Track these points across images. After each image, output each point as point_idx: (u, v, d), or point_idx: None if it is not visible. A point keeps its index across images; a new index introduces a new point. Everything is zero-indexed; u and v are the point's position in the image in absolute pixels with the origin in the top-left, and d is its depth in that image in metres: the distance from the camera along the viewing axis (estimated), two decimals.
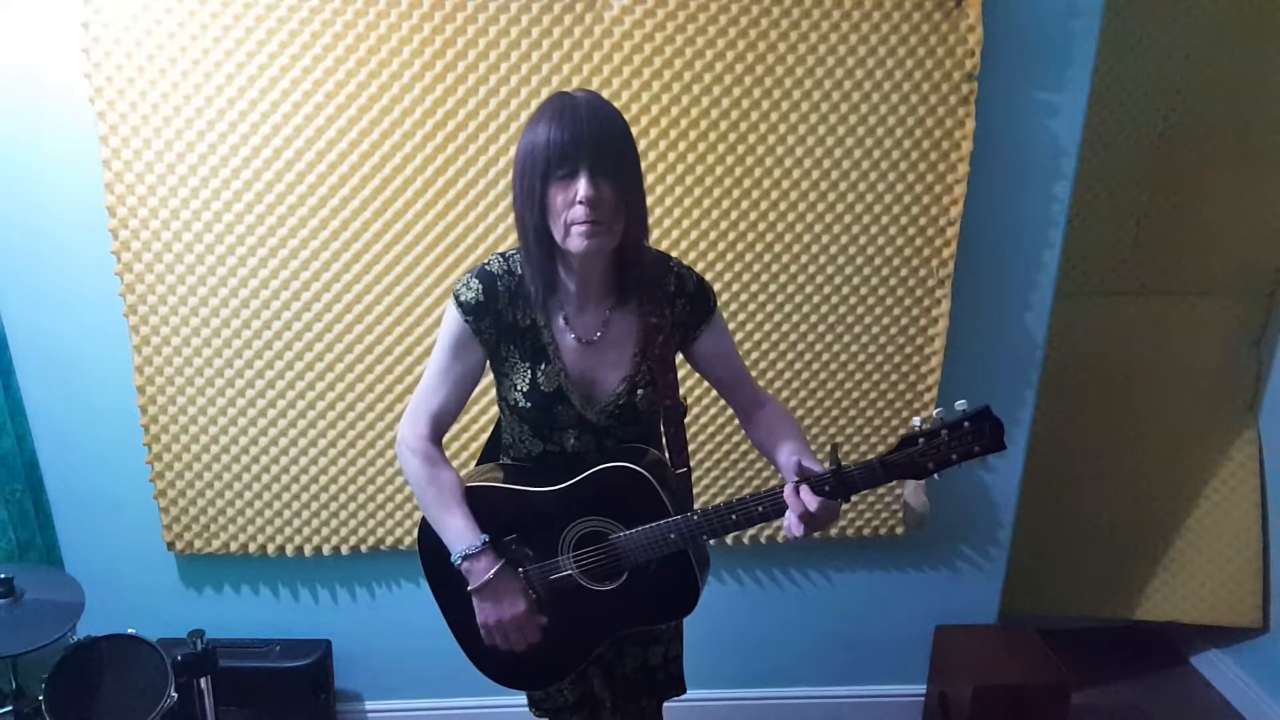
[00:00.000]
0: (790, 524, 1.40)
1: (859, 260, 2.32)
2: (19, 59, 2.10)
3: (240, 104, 2.10)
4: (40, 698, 2.03)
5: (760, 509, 1.43)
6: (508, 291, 1.50)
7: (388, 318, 2.27)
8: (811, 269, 2.32)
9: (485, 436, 1.84)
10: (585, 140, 1.34)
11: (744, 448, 2.45)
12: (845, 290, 2.34)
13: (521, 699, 2.14)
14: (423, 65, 2.10)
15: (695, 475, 2.46)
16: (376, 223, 2.20)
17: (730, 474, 2.48)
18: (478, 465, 1.78)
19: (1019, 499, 2.63)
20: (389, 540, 2.47)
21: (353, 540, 2.46)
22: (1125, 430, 2.88)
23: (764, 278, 2.31)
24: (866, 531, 2.57)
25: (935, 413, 1.34)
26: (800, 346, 2.37)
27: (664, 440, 1.61)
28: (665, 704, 1.93)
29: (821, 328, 2.36)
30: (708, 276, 2.29)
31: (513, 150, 2.15)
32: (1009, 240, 2.37)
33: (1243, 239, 2.73)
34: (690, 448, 2.32)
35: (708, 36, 2.12)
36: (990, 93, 2.21)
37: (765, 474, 2.47)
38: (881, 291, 2.35)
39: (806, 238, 2.29)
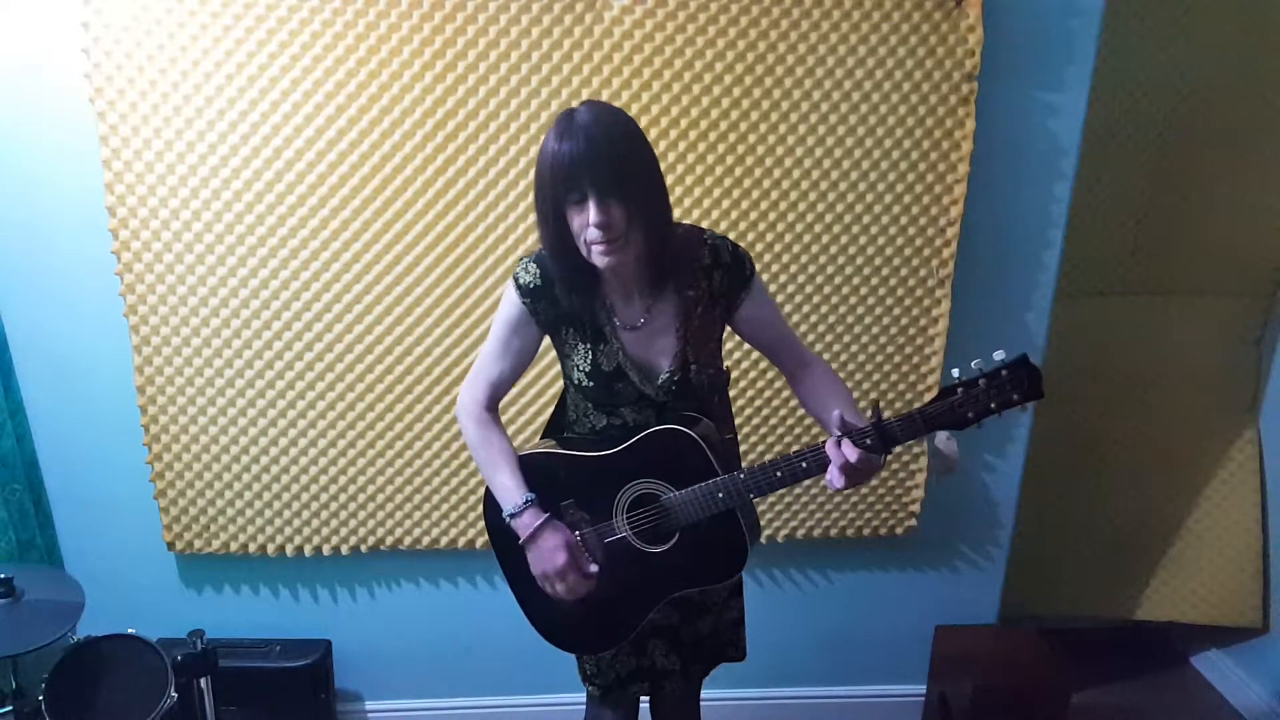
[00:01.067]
0: (832, 476, 1.43)
1: (859, 260, 2.32)
2: (19, 59, 2.10)
3: (240, 104, 2.10)
4: (40, 698, 2.04)
5: (804, 465, 1.47)
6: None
7: (388, 318, 2.27)
8: (811, 269, 2.32)
9: (549, 411, 1.89)
10: (586, 164, 1.38)
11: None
12: (845, 290, 2.34)
13: (521, 699, 2.14)
14: (423, 65, 2.10)
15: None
16: (377, 222, 2.20)
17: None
18: (541, 439, 1.82)
19: (1019, 499, 2.63)
20: (389, 540, 2.47)
21: (353, 540, 2.46)
22: (1125, 430, 2.88)
23: (764, 278, 2.31)
24: (866, 531, 2.57)
25: (974, 363, 1.36)
26: None
27: (712, 409, 1.66)
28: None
29: (821, 328, 2.37)
30: None
31: (513, 150, 2.17)
32: (1009, 240, 2.37)
33: (1243, 239, 2.72)
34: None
35: (708, 36, 2.12)
36: (990, 93, 2.21)
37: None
38: (881, 291, 2.35)
39: (806, 238, 2.29)
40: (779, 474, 1.49)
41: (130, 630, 2.18)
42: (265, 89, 2.09)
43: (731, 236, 2.25)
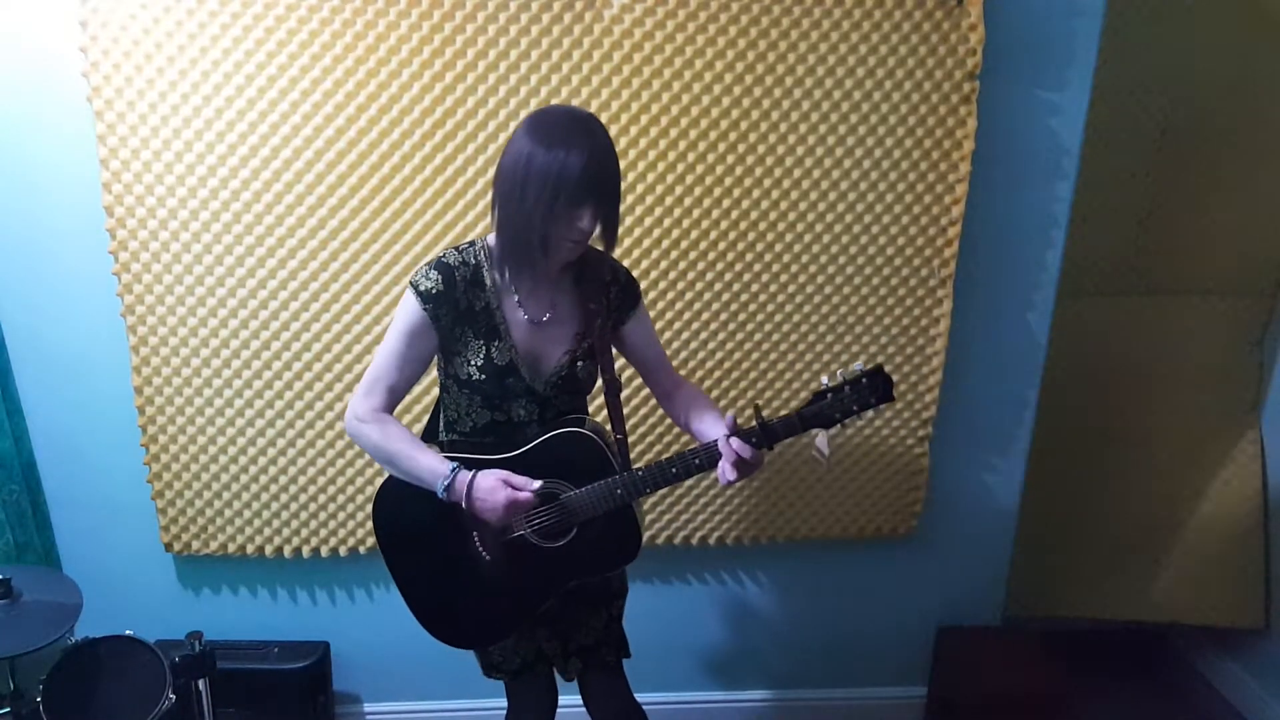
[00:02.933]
0: (724, 470, 1.60)
1: (859, 260, 2.31)
2: (16, 58, 2.09)
3: (238, 103, 2.09)
4: (38, 699, 2.03)
5: (697, 461, 1.63)
6: (464, 281, 1.66)
7: (386, 318, 2.26)
8: (812, 269, 2.31)
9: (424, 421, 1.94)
10: (600, 181, 1.53)
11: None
12: (845, 290, 2.33)
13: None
14: (422, 65, 2.09)
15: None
16: (375, 222, 2.19)
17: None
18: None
19: (1021, 500, 2.62)
20: None
21: (351, 542, 2.46)
22: (1128, 430, 2.88)
23: (764, 278, 2.30)
24: (868, 532, 2.57)
25: (837, 371, 1.62)
26: (801, 347, 2.37)
27: (606, 409, 1.79)
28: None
29: (822, 328, 2.36)
30: (707, 277, 2.30)
31: None
32: (1011, 240, 2.37)
33: (1244, 239, 2.72)
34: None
35: (708, 36, 2.11)
36: (992, 92, 2.21)
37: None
38: (882, 291, 2.34)
39: (807, 238, 2.28)
40: (674, 470, 1.63)
41: (128, 632, 2.17)
42: (263, 88, 2.09)
43: (731, 237, 2.27)
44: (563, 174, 1.48)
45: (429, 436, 1.87)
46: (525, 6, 2.07)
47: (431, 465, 1.65)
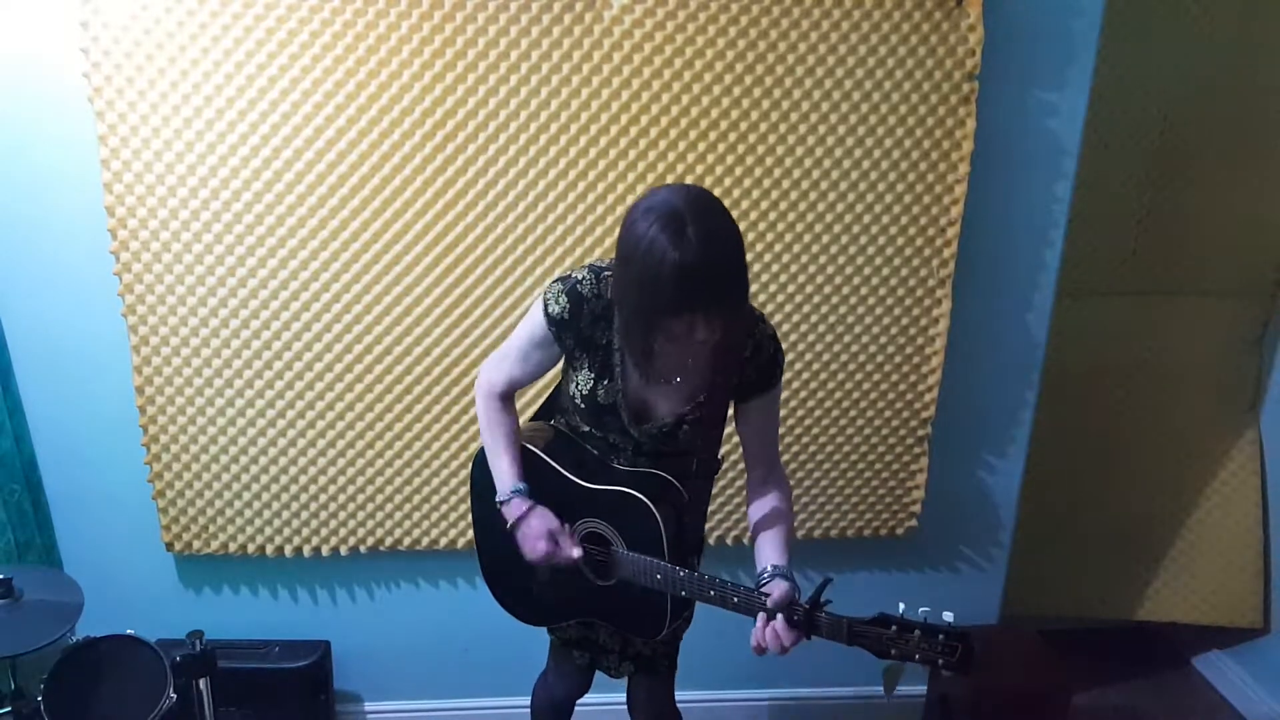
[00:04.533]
0: (757, 637, 1.49)
1: (859, 260, 2.31)
2: (18, 58, 2.10)
3: (239, 103, 2.10)
4: (39, 698, 2.04)
5: (735, 600, 1.54)
6: (592, 314, 1.58)
7: (387, 318, 2.27)
8: (811, 269, 2.31)
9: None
10: (705, 289, 1.33)
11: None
12: (845, 290, 2.34)
13: (520, 700, 2.15)
14: (422, 65, 2.09)
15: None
16: (376, 222, 2.20)
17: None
18: (535, 417, 1.94)
19: (1020, 499, 2.62)
20: (389, 541, 2.46)
21: (352, 541, 2.46)
22: (1126, 430, 2.88)
23: (764, 278, 2.31)
24: (867, 532, 2.57)
25: (922, 611, 1.40)
26: (800, 346, 2.37)
27: (688, 478, 1.69)
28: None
29: (822, 328, 2.36)
30: None
31: (512, 150, 2.16)
32: (1010, 240, 2.37)
33: (1243, 239, 2.72)
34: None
35: (708, 36, 2.11)
36: (991, 92, 2.21)
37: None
38: (882, 291, 2.34)
39: (807, 238, 2.29)
40: (711, 593, 1.56)
41: (129, 631, 2.17)
42: (264, 88, 2.09)
43: None
44: (657, 284, 1.31)
45: (548, 409, 1.90)
46: (525, 7, 2.07)
47: (502, 473, 1.70)
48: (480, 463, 1.80)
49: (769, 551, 1.61)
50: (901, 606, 1.40)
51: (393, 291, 2.25)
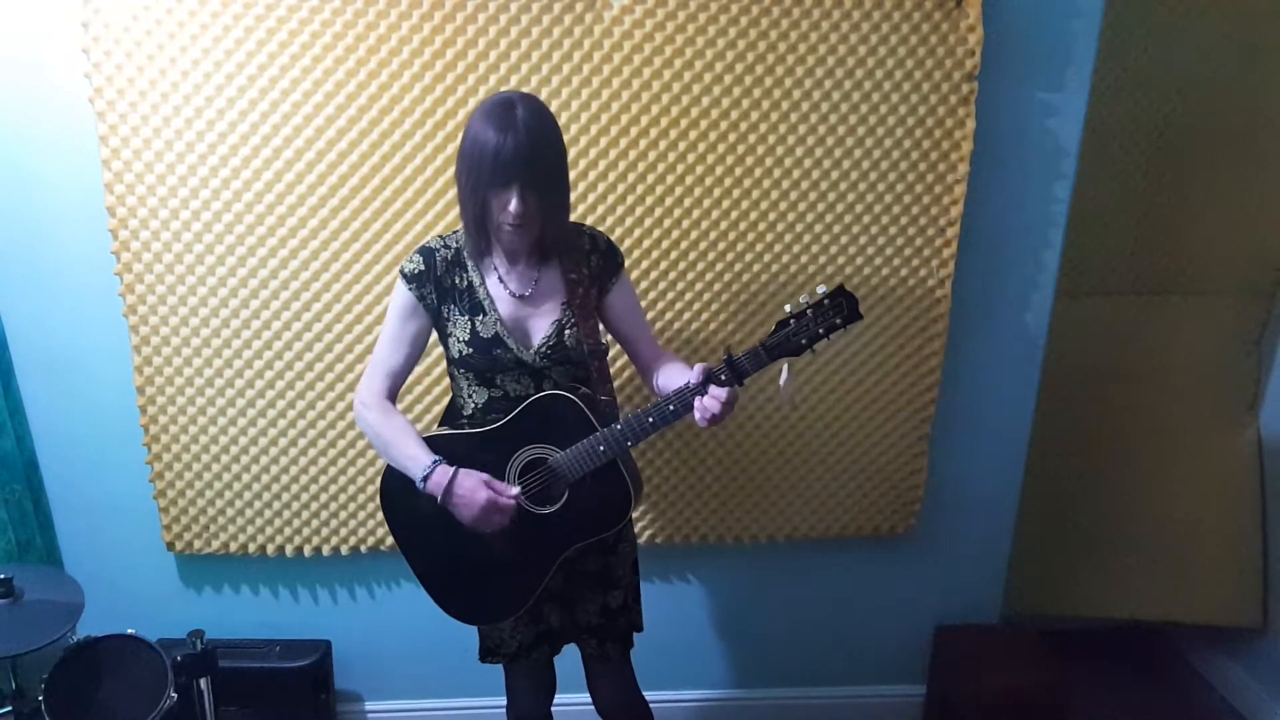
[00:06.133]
0: (699, 410, 1.62)
1: (859, 260, 2.32)
2: (19, 59, 2.10)
3: (240, 104, 2.10)
4: (40, 698, 2.04)
5: (671, 408, 1.65)
6: (444, 261, 1.76)
7: None
8: (811, 269, 2.32)
9: (440, 404, 1.98)
10: (521, 160, 1.56)
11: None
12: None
13: None
14: (423, 65, 2.10)
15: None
16: (376, 223, 2.20)
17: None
18: (438, 428, 1.93)
19: (1020, 499, 2.63)
20: (389, 540, 2.46)
21: (353, 540, 2.46)
22: (1126, 430, 2.88)
23: (764, 278, 2.31)
24: (867, 531, 2.57)
25: (800, 298, 1.61)
26: None
27: (591, 376, 1.81)
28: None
29: None
30: (706, 277, 2.30)
31: None
32: (1009, 240, 2.37)
33: (1243, 239, 2.72)
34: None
35: (708, 36, 2.12)
36: (990, 93, 2.21)
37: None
38: (881, 291, 2.35)
39: (806, 238, 2.29)
40: (650, 420, 1.66)
41: (130, 630, 2.18)
42: (265, 89, 2.09)
43: (731, 237, 2.27)
44: (494, 153, 1.54)
45: (448, 422, 1.93)
46: (525, 7, 2.07)
47: (415, 455, 1.71)
48: (389, 482, 1.82)
49: (680, 373, 1.74)
50: (787, 307, 1.60)
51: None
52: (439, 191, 2.18)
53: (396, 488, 1.80)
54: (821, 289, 1.58)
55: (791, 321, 1.60)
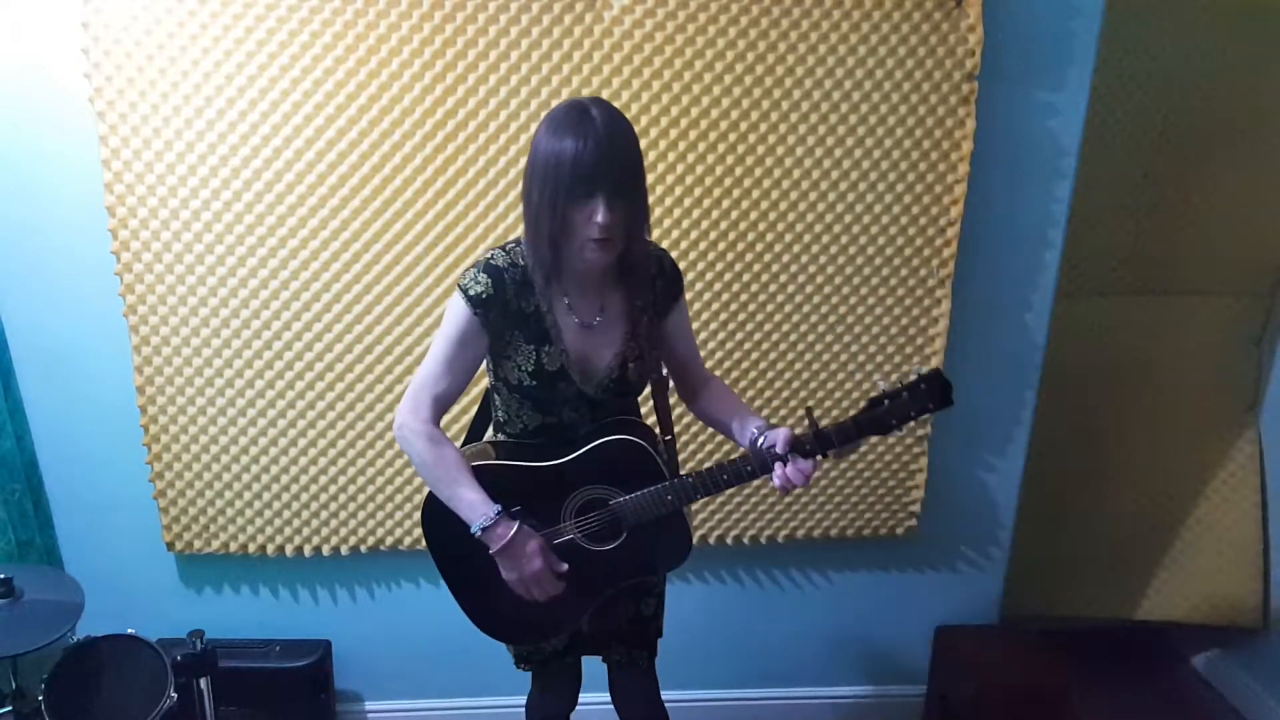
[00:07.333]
0: (779, 478, 1.57)
1: (859, 260, 2.32)
2: (19, 59, 2.10)
3: (240, 104, 2.10)
4: (40, 698, 2.04)
5: (749, 469, 1.60)
6: (514, 283, 1.59)
7: (387, 318, 2.27)
8: (811, 269, 2.32)
9: (469, 414, 1.92)
10: (604, 165, 1.43)
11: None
12: (845, 290, 2.34)
13: (521, 699, 2.14)
14: (423, 65, 2.10)
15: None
16: (376, 222, 2.20)
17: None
18: (464, 444, 1.84)
19: (1020, 499, 2.63)
20: (389, 540, 2.47)
21: (353, 540, 2.46)
22: (1125, 430, 2.88)
23: (764, 278, 2.31)
24: (866, 532, 2.57)
25: (894, 377, 1.56)
26: (800, 346, 2.37)
27: (654, 410, 1.78)
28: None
29: (821, 328, 2.36)
30: (707, 277, 2.30)
31: (513, 150, 2.17)
32: (1009, 240, 2.37)
33: (1243, 239, 2.72)
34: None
35: (708, 36, 2.12)
36: (990, 93, 2.21)
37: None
38: (882, 291, 2.35)
39: (807, 238, 2.29)
40: (725, 477, 1.60)
41: (130, 630, 2.17)
42: (265, 89, 2.09)
43: (731, 237, 2.27)
44: (574, 160, 1.41)
45: (474, 435, 1.85)
46: (525, 7, 2.07)
47: (473, 502, 1.59)
48: (431, 507, 1.67)
49: (746, 419, 1.69)
50: (881, 384, 1.56)
51: (393, 291, 2.25)
52: (439, 191, 2.18)
53: (436, 513, 1.67)
54: (916, 371, 1.55)
55: (886, 401, 1.54)
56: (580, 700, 2.05)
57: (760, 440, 1.60)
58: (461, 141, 2.15)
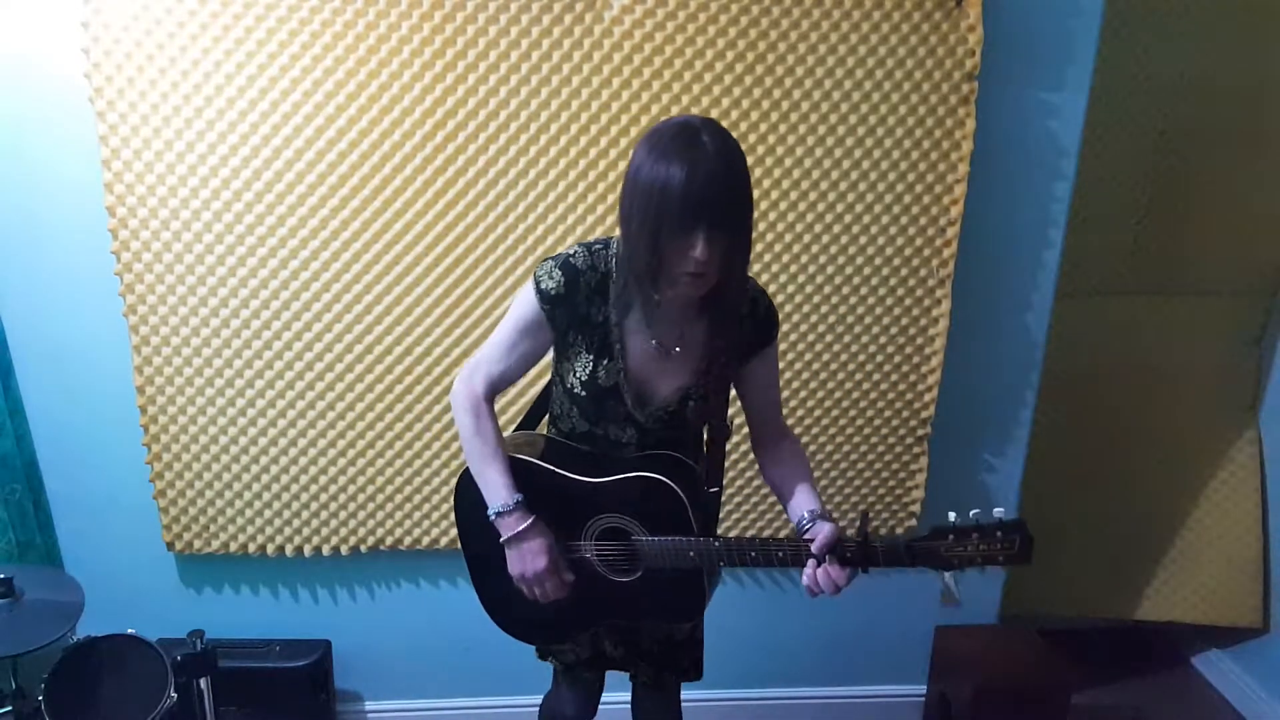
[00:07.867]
0: (809, 581, 1.47)
1: (859, 260, 2.32)
2: (18, 58, 2.10)
3: (240, 104, 2.10)
4: (40, 698, 2.03)
5: (780, 554, 1.49)
6: (588, 287, 1.52)
7: (387, 318, 2.27)
8: (811, 269, 2.32)
9: (536, 386, 1.89)
10: (711, 201, 1.31)
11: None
12: (845, 290, 2.34)
13: (521, 699, 2.14)
14: (423, 65, 2.10)
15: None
16: (376, 222, 2.20)
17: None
18: (519, 429, 1.83)
19: (1019, 499, 2.62)
20: (389, 540, 2.47)
21: (353, 540, 2.46)
22: (1125, 430, 2.88)
23: (764, 278, 2.31)
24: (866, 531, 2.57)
25: (973, 513, 1.38)
26: (800, 346, 2.37)
27: (703, 452, 1.67)
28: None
29: (821, 328, 2.36)
30: None
31: (512, 150, 2.17)
32: (1009, 240, 2.37)
33: (1243, 239, 2.72)
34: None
35: (708, 36, 2.12)
36: (990, 93, 2.21)
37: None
38: (881, 291, 2.35)
39: (806, 238, 2.29)
40: (753, 554, 1.51)
41: (130, 630, 2.17)
42: (265, 89, 2.09)
43: None
44: (663, 194, 1.30)
45: (533, 419, 1.82)
46: (525, 7, 2.07)
47: (498, 485, 1.57)
48: (465, 482, 1.66)
49: (802, 499, 1.57)
50: (952, 515, 1.38)
51: (393, 291, 2.25)
52: (439, 191, 2.18)
53: (467, 490, 1.66)
54: (999, 514, 1.37)
55: (951, 536, 1.39)
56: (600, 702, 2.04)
57: (806, 527, 1.50)
58: (461, 141, 2.15)
